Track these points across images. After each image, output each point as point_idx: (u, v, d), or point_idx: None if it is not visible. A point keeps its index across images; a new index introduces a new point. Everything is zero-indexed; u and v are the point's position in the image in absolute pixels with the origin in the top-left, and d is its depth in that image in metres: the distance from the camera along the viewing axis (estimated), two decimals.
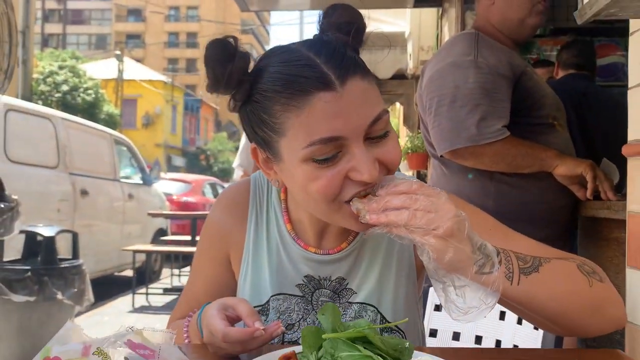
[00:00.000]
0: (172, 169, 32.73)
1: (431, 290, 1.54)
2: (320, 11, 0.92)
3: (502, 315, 1.38)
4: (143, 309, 5.49)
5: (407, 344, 0.78)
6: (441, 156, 1.96)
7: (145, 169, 7.38)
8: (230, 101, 0.92)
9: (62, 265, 3.32)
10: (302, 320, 1.01)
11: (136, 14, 52.10)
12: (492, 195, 1.93)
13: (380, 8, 5.71)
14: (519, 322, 1.34)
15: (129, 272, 6.36)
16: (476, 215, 1.04)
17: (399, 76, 6.84)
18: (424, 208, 0.76)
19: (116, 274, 6.65)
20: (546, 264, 0.85)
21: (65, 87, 22.87)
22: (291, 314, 1.01)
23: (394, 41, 6.08)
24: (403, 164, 6.16)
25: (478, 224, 0.96)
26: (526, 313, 0.88)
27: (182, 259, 6.95)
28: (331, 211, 0.88)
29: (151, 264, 6.63)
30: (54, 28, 45.21)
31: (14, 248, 3.38)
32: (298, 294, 1.02)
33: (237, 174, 4.49)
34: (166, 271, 7.29)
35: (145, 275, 6.05)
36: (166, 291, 6.18)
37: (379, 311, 1.00)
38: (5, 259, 3.19)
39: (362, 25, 0.90)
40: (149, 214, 6.64)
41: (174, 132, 38.97)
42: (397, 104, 8.00)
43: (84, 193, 5.58)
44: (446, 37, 4.80)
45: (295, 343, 0.97)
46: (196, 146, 42.16)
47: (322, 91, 0.82)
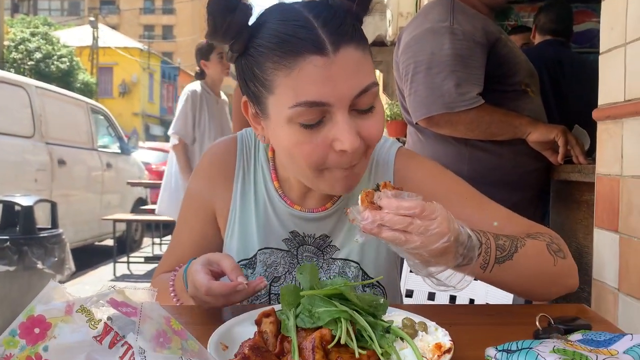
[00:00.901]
0: (150, 138, 32.31)
1: None
2: None
3: None
4: (124, 278, 5.51)
5: (382, 300, 0.81)
6: (416, 123, 1.98)
7: (123, 138, 7.29)
8: (228, 52, 0.92)
9: (42, 235, 3.31)
10: (287, 273, 1.05)
11: None
12: (466, 160, 1.97)
13: None
14: None
15: (109, 242, 6.35)
16: (455, 183, 1.09)
17: (379, 43, 6.80)
18: (414, 232, 0.76)
19: (97, 243, 6.63)
20: (521, 249, 0.90)
21: (38, 55, 22.26)
22: (277, 267, 1.05)
23: (373, 7, 6.03)
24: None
25: (455, 192, 1.06)
26: None
27: (162, 228, 6.95)
28: (313, 177, 0.91)
29: (132, 233, 6.62)
30: None
31: None
32: (284, 249, 1.06)
33: (172, 142, 3.92)
34: (147, 240, 7.30)
35: (126, 244, 6.05)
36: (147, 260, 6.19)
37: (361, 267, 1.05)
38: None
39: None
40: (128, 183, 6.60)
41: (151, 100, 38.37)
42: (377, 71, 7.98)
43: (61, 163, 5.51)
44: (424, 2, 4.78)
45: None
46: (174, 115, 41.63)
47: (314, 55, 0.82)
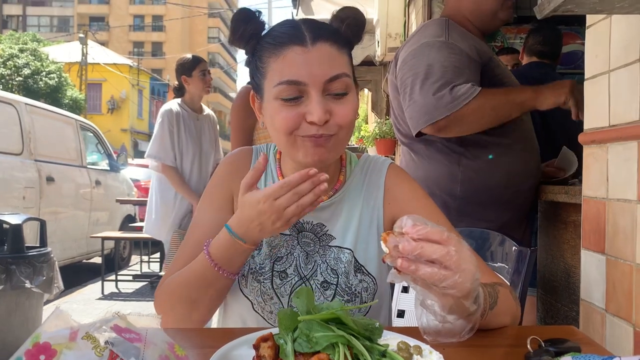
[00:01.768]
0: (139, 154, 32.16)
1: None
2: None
3: None
4: (113, 296, 5.46)
5: (377, 324, 0.83)
6: (417, 135, 1.94)
7: (113, 155, 7.27)
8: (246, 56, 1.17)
9: (30, 254, 3.29)
10: (289, 254, 1.17)
11: None
12: (459, 180, 1.98)
13: None
14: None
15: (97, 260, 6.30)
16: (434, 210, 1.21)
17: (367, 63, 6.88)
18: (452, 266, 0.78)
19: (85, 261, 6.58)
20: (500, 296, 0.99)
21: (26, 71, 22.19)
22: (280, 249, 1.18)
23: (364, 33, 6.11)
24: (372, 149, 6.24)
25: (434, 218, 1.12)
26: None
27: (151, 245, 6.91)
28: (289, 144, 1.08)
29: (120, 250, 6.57)
30: (13, 9, 43.73)
31: None
32: (286, 233, 1.18)
33: (152, 165, 3.75)
34: (135, 258, 7.25)
35: (114, 262, 6.00)
36: (135, 277, 6.14)
37: (354, 255, 1.16)
38: None
39: (358, 19, 1.14)
40: (117, 201, 6.57)
41: (140, 117, 38.28)
42: (366, 90, 8.06)
43: (49, 180, 5.48)
44: (413, 24, 4.85)
45: (284, 273, 1.16)
46: None
47: (296, 45, 1.05)
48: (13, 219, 3.32)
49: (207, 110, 4.04)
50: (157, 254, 7.09)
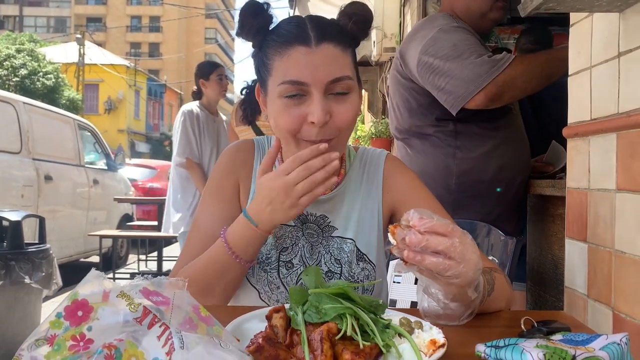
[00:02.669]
0: (135, 155, 32.16)
1: (391, 264, 1.66)
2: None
3: None
4: None
5: (381, 301, 0.88)
6: (460, 110, 1.89)
7: (110, 154, 7.31)
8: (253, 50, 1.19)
9: (29, 250, 3.33)
10: (293, 245, 1.21)
11: None
12: (454, 174, 2.02)
13: None
14: None
15: (95, 258, 6.33)
16: (430, 197, 1.25)
17: (364, 63, 6.93)
18: (456, 257, 0.83)
19: (83, 259, 6.61)
20: (496, 283, 1.04)
21: (23, 71, 22.20)
22: (285, 240, 1.21)
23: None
24: None
25: (430, 205, 1.20)
26: None
27: (148, 244, 6.95)
28: (293, 144, 1.11)
29: (117, 249, 6.61)
30: (10, 10, 43.68)
31: None
32: (291, 224, 1.22)
33: (179, 163, 3.90)
34: (132, 257, 7.28)
35: (111, 261, 6.04)
36: (133, 276, 6.18)
37: (356, 245, 1.21)
38: None
39: (366, 17, 1.15)
40: (115, 200, 6.61)
41: (137, 117, 38.29)
42: (362, 90, 8.10)
43: (48, 179, 5.52)
44: (408, 25, 4.91)
45: (290, 263, 1.20)
46: (160, 132, 41.53)
47: (301, 45, 1.07)
48: (12, 215, 3.36)
49: (220, 115, 4.24)
50: (155, 253, 7.13)
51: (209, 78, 3.99)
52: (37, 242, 3.58)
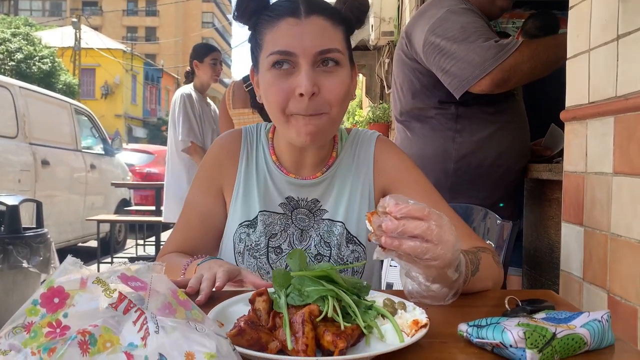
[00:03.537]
0: (132, 140, 32.11)
1: None
2: None
3: None
4: None
5: (365, 283, 0.89)
6: (463, 94, 1.89)
7: (107, 139, 7.29)
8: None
9: (27, 234, 3.33)
10: (282, 231, 1.22)
11: None
12: (452, 157, 2.02)
13: None
14: None
15: (93, 243, 6.34)
16: (421, 177, 1.25)
17: (362, 47, 6.90)
18: (433, 239, 0.83)
19: (80, 244, 6.62)
20: (482, 262, 1.04)
21: (19, 56, 22.01)
22: (274, 226, 1.23)
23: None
24: None
25: (420, 184, 1.22)
26: None
27: (146, 229, 6.96)
28: (283, 121, 1.12)
29: (115, 234, 6.62)
30: None
31: None
32: (280, 212, 1.23)
33: (184, 147, 3.83)
34: (130, 241, 7.30)
35: (109, 246, 6.05)
36: (131, 261, 6.19)
37: (345, 227, 1.22)
38: None
39: (359, 3, 1.15)
40: (112, 184, 6.60)
41: (134, 102, 38.13)
42: (360, 75, 8.07)
43: (44, 163, 5.50)
44: (407, 9, 4.87)
45: (279, 248, 1.22)
46: (157, 117, 41.36)
47: (290, 17, 1.08)
48: (10, 200, 3.35)
49: (208, 99, 4.19)
50: (152, 238, 7.14)
51: (203, 61, 3.93)
52: (34, 226, 3.58)
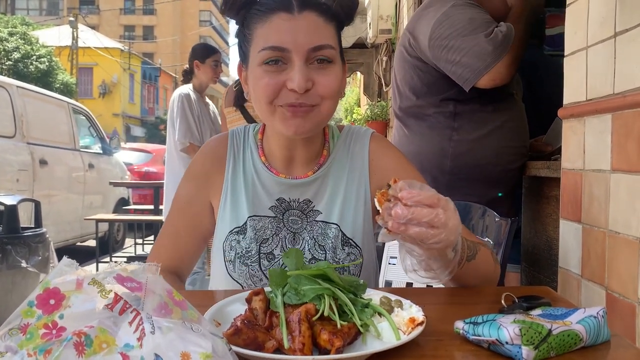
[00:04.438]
0: (130, 139, 32.06)
1: (386, 246, 1.66)
2: None
3: None
4: None
5: (361, 281, 0.89)
6: (462, 93, 1.96)
7: (105, 138, 7.28)
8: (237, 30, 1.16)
9: (25, 234, 3.32)
10: (274, 235, 1.18)
11: None
12: (449, 156, 2.02)
13: None
14: None
15: (92, 242, 6.34)
16: (415, 174, 1.24)
17: (359, 45, 6.90)
18: (439, 226, 0.84)
19: (79, 244, 6.61)
20: (480, 253, 1.05)
21: (16, 55, 21.98)
22: (265, 231, 1.18)
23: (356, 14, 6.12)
24: None
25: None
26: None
27: (145, 228, 6.95)
28: (269, 113, 1.09)
29: (114, 233, 6.62)
30: None
31: None
32: (271, 215, 1.19)
33: (183, 148, 3.81)
34: (129, 240, 7.29)
35: (108, 245, 6.05)
36: (130, 260, 6.19)
37: (340, 229, 1.18)
38: None
39: (351, 1, 1.12)
40: (111, 184, 6.60)
41: (132, 101, 38.07)
42: (358, 73, 8.07)
43: (43, 163, 5.50)
44: (404, 7, 4.87)
45: (271, 254, 1.17)
46: (155, 116, 41.30)
47: (282, 12, 1.06)
48: (8, 199, 3.35)
49: (207, 99, 4.18)
50: (151, 237, 7.14)
51: (205, 62, 3.92)
52: (33, 226, 3.58)
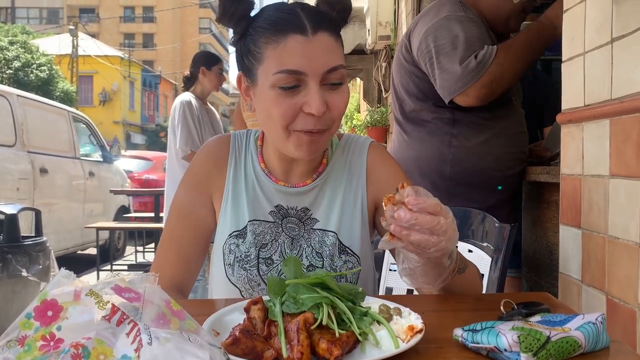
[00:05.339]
0: (131, 146, 32.09)
1: (387, 253, 1.66)
2: None
3: None
4: None
5: (360, 289, 0.89)
6: (449, 103, 1.96)
7: (106, 146, 7.29)
8: (233, 36, 1.14)
9: (26, 243, 3.32)
10: (273, 240, 1.19)
11: None
12: (448, 162, 2.02)
13: None
14: None
15: (92, 250, 6.33)
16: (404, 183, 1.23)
17: (359, 51, 6.92)
18: (440, 234, 0.86)
19: (80, 252, 6.61)
20: (469, 269, 1.08)
21: (17, 64, 22.04)
22: (265, 236, 1.20)
23: (353, 16, 6.14)
24: None
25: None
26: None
27: (145, 236, 6.95)
28: (284, 137, 1.09)
29: (115, 241, 6.61)
30: (1, 1, 43.29)
31: None
32: (270, 220, 1.20)
33: (183, 155, 3.79)
34: (130, 248, 7.29)
35: (109, 253, 6.05)
36: (131, 268, 6.19)
37: (338, 237, 1.19)
38: None
39: (347, 5, 1.13)
40: (111, 192, 6.60)
41: (132, 109, 38.11)
42: (357, 79, 8.09)
43: (43, 171, 5.51)
44: (403, 13, 4.89)
45: (269, 259, 1.18)
46: (156, 123, 41.34)
47: (297, 34, 1.04)
48: (8, 208, 3.35)
49: (208, 104, 4.18)
50: (152, 245, 7.13)
51: (211, 69, 3.93)
52: (33, 235, 3.57)
